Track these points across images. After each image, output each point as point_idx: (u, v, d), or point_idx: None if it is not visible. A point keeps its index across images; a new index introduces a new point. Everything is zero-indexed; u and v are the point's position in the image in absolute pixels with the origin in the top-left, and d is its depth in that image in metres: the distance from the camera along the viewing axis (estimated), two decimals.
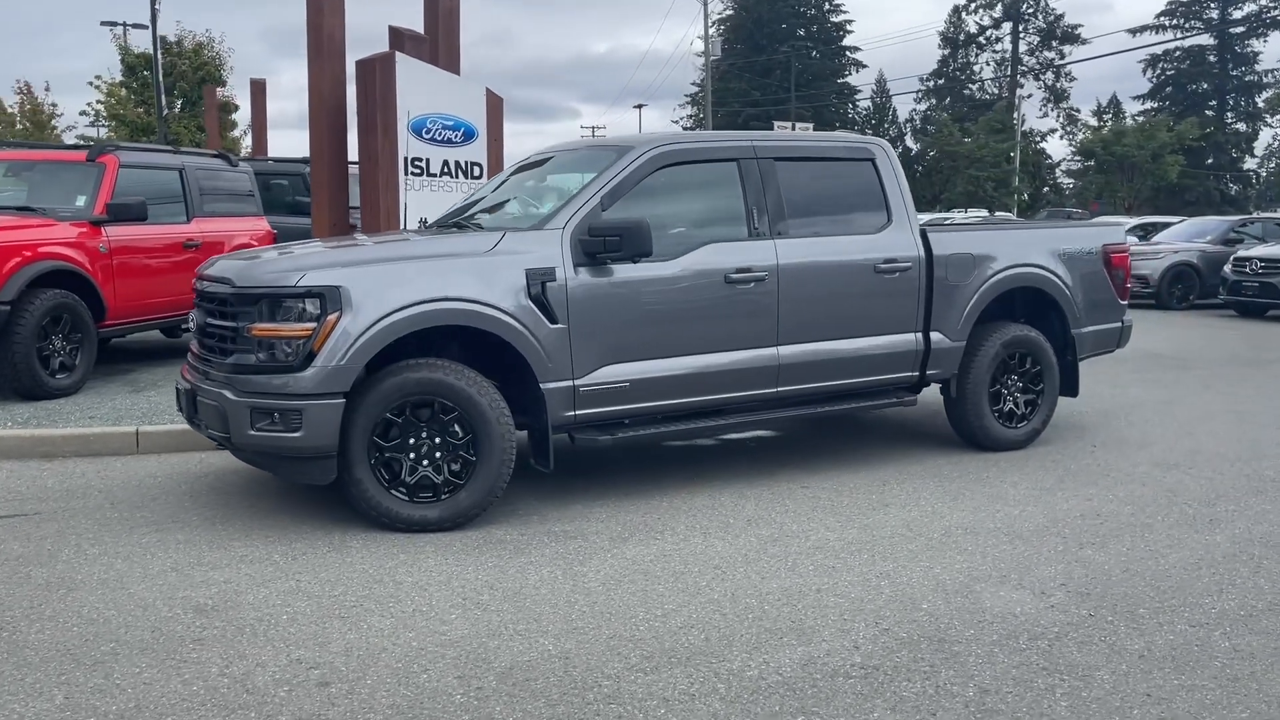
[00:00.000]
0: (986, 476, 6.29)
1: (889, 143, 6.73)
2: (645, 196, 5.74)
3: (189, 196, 9.82)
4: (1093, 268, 7.29)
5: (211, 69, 32.12)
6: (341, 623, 4.02)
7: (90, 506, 5.60)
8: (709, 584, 4.45)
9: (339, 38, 9.05)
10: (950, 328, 6.64)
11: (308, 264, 5.11)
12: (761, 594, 4.33)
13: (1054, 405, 7.15)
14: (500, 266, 5.28)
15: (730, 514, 5.49)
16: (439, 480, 5.17)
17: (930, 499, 5.79)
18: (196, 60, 32.06)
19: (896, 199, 6.51)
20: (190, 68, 31.57)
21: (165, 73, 29.89)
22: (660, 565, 4.69)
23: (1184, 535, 5.13)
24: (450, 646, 3.80)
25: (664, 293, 5.67)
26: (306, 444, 4.97)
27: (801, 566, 4.67)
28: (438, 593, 4.34)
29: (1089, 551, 4.88)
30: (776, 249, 5.98)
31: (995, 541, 5.03)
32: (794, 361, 6.06)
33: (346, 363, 4.93)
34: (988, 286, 6.76)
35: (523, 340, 5.26)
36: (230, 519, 5.38)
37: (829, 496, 5.83)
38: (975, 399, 6.79)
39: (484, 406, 5.13)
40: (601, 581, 4.48)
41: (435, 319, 5.09)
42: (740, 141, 6.10)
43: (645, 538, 5.10)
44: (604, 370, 5.51)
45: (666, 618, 4.08)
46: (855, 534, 5.15)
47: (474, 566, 4.67)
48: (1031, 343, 6.97)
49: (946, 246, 6.62)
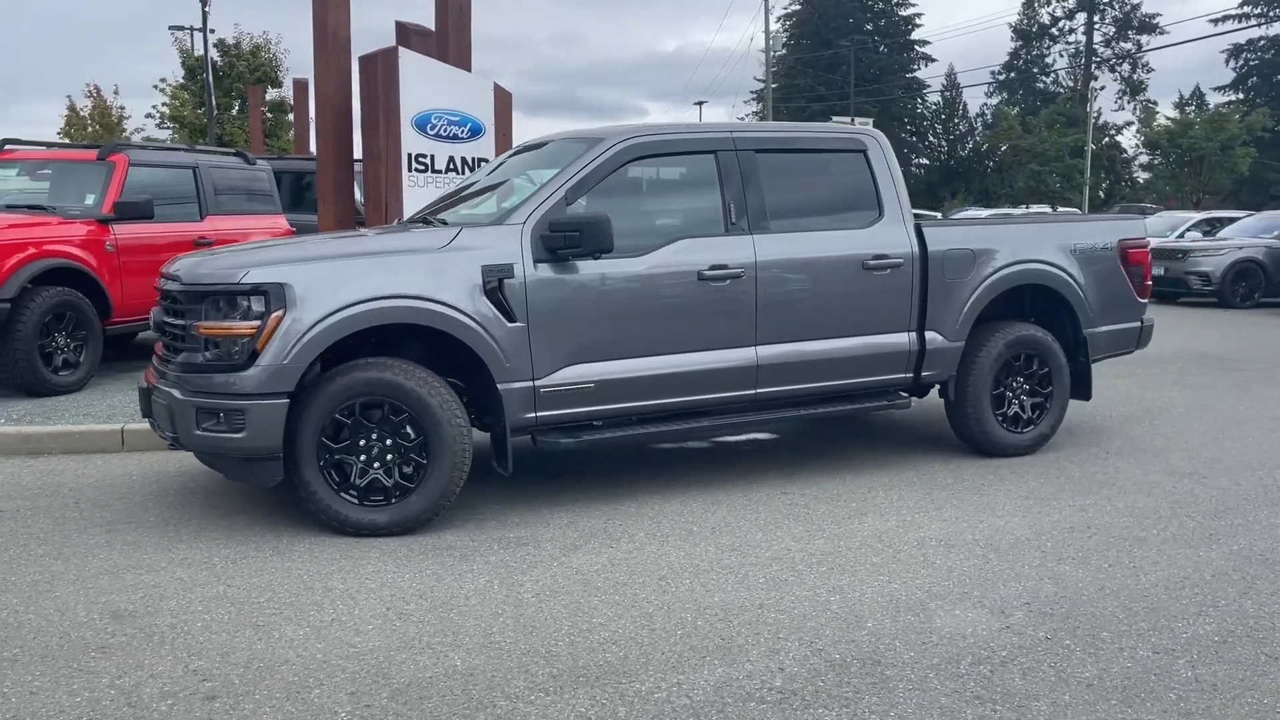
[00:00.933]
0: (982, 484, 5.96)
1: (882, 135, 6.41)
2: (615, 191, 5.53)
3: (202, 194, 9.85)
4: (1108, 265, 6.89)
5: (268, 70, 32.64)
6: (254, 631, 3.88)
7: (54, 505, 5.57)
8: (648, 596, 4.23)
9: (344, 34, 8.98)
10: (947, 327, 6.31)
11: (253, 260, 5.00)
12: (699, 608, 4.10)
13: (1064, 409, 6.77)
14: (454, 263, 5.11)
15: (697, 521, 5.26)
16: (389, 483, 5.02)
17: (914, 507, 5.49)
18: (254, 62, 32.58)
19: (889, 192, 6.20)
20: (248, 69, 32.12)
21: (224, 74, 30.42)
22: (604, 575, 4.48)
23: (1176, 551, 4.78)
24: (355, 660, 3.64)
25: (632, 290, 5.45)
26: (250, 445, 4.85)
27: (752, 579, 4.43)
28: (364, 601, 4.19)
29: (1067, 567, 4.55)
30: (755, 245, 5.72)
31: (968, 555, 4.73)
32: (774, 362, 5.80)
33: (290, 362, 4.80)
34: (989, 284, 6.41)
35: (477, 339, 5.09)
36: (187, 519, 5.30)
37: (806, 504, 5.57)
38: (976, 402, 6.45)
39: (434, 407, 4.97)
40: (537, 592, 4.28)
41: (381, 317, 4.94)
42: (718, 133, 5.85)
43: (599, 545, 4.89)
44: (567, 371, 5.31)
45: (590, 632, 3.87)
46: (821, 544, 4.88)
47: (411, 574, 4.51)
48: (1038, 343, 6.61)
49: (943, 242, 6.30)
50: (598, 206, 5.48)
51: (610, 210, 5.46)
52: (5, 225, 8.06)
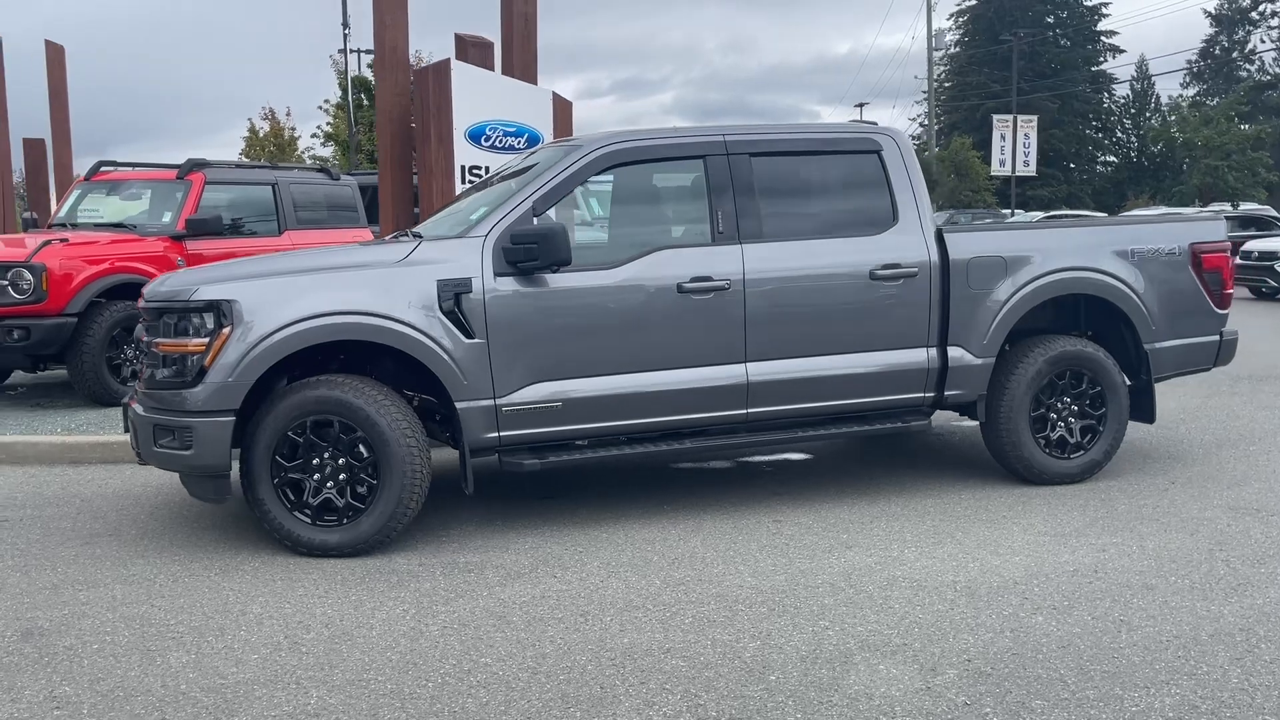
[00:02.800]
0: (1003, 516, 5.39)
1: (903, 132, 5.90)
2: (590, 199, 5.28)
3: (281, 210, 10.11)
4: (1175, 271, 6.14)
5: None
6: (140, 657, 3.82)
7: (56, 515, 5.72)
8: (556, 635, 3.96)
9: (402, 49, 9.06)
10: (974, 342, 5.75)
11: (207, 277, 4.99)
12: (601, 650, 3.80)
13: (1121, 433, 6.06)
14: (409, 277, 4.97)
15: (664, 550, 4.93)
16: (341, 504, 4.92)
17: (909, 541, 5.00)
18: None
19: (905, 196, 5.70)
20: None
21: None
22: (527, 609, 4.22)
23: (1184, 602, 4.15)
24: (213, 693, 3.51)
25: (603, 304, 5.18)
26: (197, 462, 4.84)
27: (678, 619, 4.09)
28: (269, 627, 4.08)
29: (1041, 618, 4.01)
30: (743, 254, 5.34)
31: (935, 599, 4.23)
32: (767, 380, 5.40)
33: (235, 379, 4.76)
34: (1024, 295, 5.81)
35: (430, 355, 4.93)
36: (165, 533, 5.34)
37: (793, 533, 5.15)
38: (1011, 425, 5.85)
39: (382, 426, 4.83)
40: (446, 625, 4.07)
41: (326, 334, 4.84)
42: (708, 136, 5.50)
43: (545, 574, 4.64)
44: (532, 389, 5.08)
45: (469, 674, 3.63)
46: (780, 581, 4.48)
47: (335, 599, 4.37)
48: (1087, 359, 5.94)
49: (968, 249, 5.74)
50: (569, 217, 5.25)
51: (561, 221, 5.22)
52: (81, 242, 8.46)
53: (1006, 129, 39.95)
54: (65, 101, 14.45)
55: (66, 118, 14.49)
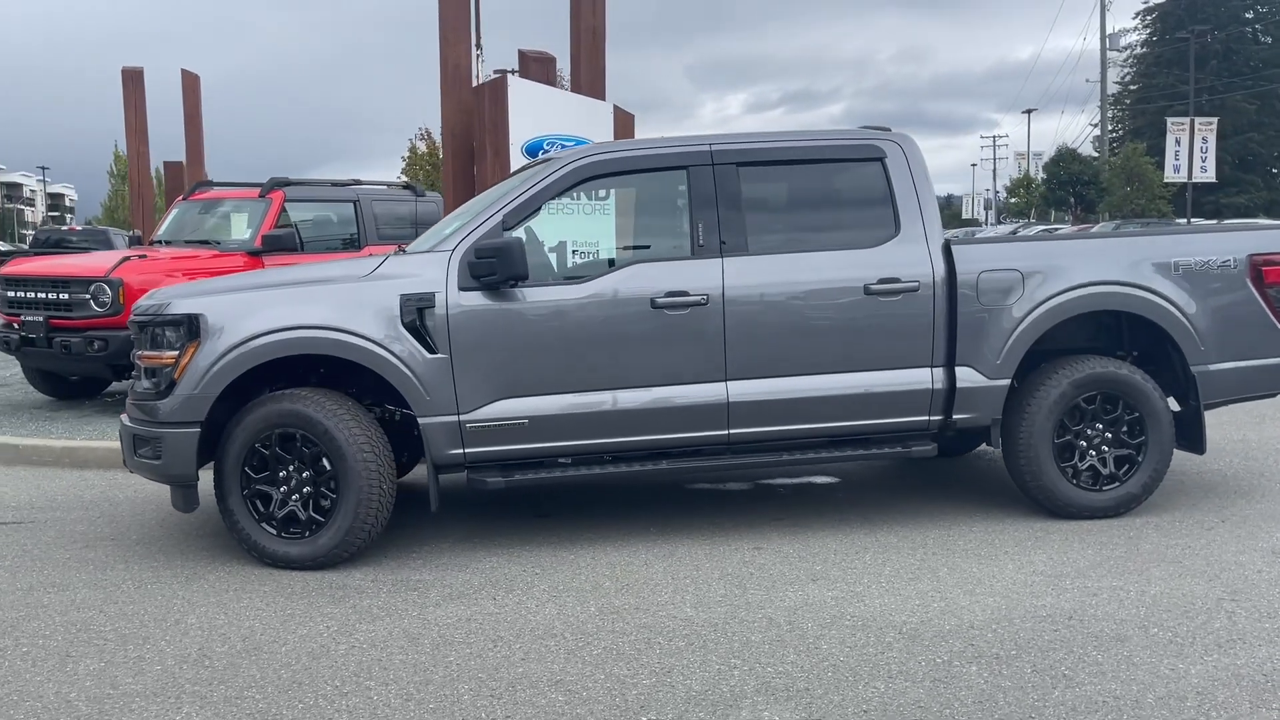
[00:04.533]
0: (1006, 552, 4.96)
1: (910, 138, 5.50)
2: (565, 212, 5.16)
3: (362, 226, 10.39)
4: (1230, 286, 5.53)
5: None
6: (58, 663, 3.91)
7: (71, 518, 5.97)
8: (455, 660, 3.84)
9: (465, 66, 9.16)
10: (985, 362, 5.33)
11: (183, 291, 5.12)
12: (488, 679, 3.66)
13: (1163, 464, 5.48)
14: (372, 291, 4.97)
15: (622, 574, 4.75)
16: (304, 517, 4.95)
17: (885, 576, 4.65)
18: None
19: (909, 206, 5.33)
20: None
21: None
22: (444, 631, 4.12)
23: (1152, 659, 3.68)
24: (94, 704, 3.55)
25: (572, 320, 5.04)
26: (165, 472, 4.97)
27: (587, 650, 3.90)
28: (192, 638, 4.12)
29: (974, 668, 3.64)
30: (724, 268, 5.11)
31: (871, 641, 3.90)
32: (750, 401, 5.14)
33: (199, 391, 4.85)
34: (1044, 311, 5.34)
35: (390, 369, 4.90)
36: (160, 540, 5.50)
37: (765, 562, 4.88)
38: (1031, 452, 5.38)
39: (340, 441, 4.83)
40: (355, 645, 4.01)
41: (286, 348, 4.87)
42: (693, 146, 5.29)
43: (487, 595, 4.53)
44: (497, 405, 5.00)
45: (344, 697, 3.56)
46: (719, 614, 4.23)
47: (268, 612, 4.38)
48: (1121, 382, 5.41)
49: (978, 262, 5.33)
50: (544, 230, 5.15)
51: (558, 234, 5.12)
52: (159, 258, 8.90)
53: (1182, 133, 37.52)
54: (199, 126, 15.34)
55: (200, 141, 15.38)
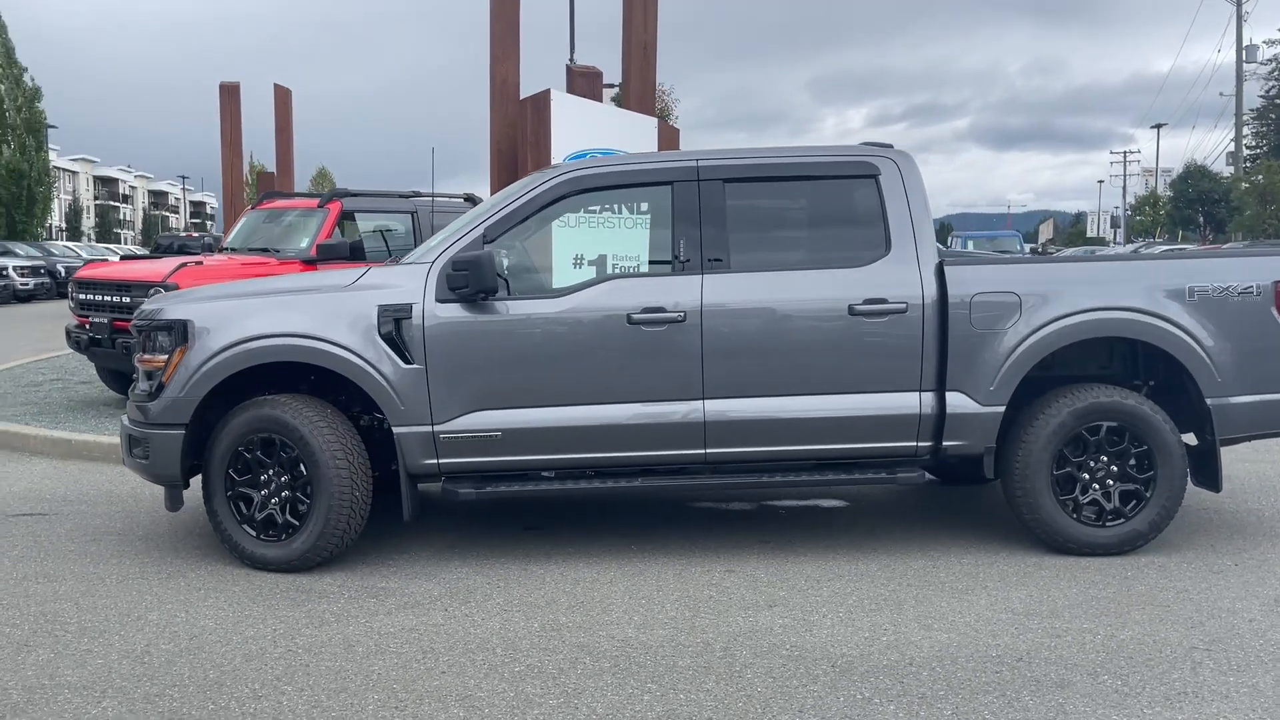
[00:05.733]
0: (986, 586, 4.75)
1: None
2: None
3: (419, 236, 10.59)
4: (1253, 313, 5.20)
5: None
6: (14, 652, 4.08)
7: (94, 511, 6.23)
8: (378, 670, 3.87)
9: (512, 82, 9.28)
10: (978, 388, 5.12)
11: (178, 298, 5.31)
12: (399, 690, 3.68)
13: (1174, 501, 5.17)
14: (351, 302, 5.05)
15: (582, 591, 4.71)
16: (281, 520, 5.06)
17: (846, 606, 4.50)
18: None
19: (901, 225, 5.17)
20: None
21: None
22: (382, 641, 4.16)
23: (1083, 709, 3.47)
24: (28, 693, 3.71)
25: (547, 333, 5.04)
26: (153, 472, 5.14)
27: (507, 668, 3.88)
28: (144, 634, 4.25)
29: (891, 707, 3.49)
30: (703, 285, 5.04)
31: (799, 674, 3.78)
32: (726, 420, 5.05)
33: (184, 395, 5.01)
34: (1042, 337, 5.10)
35: (366, 378, 4.98)
36: (163, 536, 5.68)
37: (731, 585, 4.77)
38: (1027, 484, 5.15)
39: (314, 447, 4.93)
40: (290, 650, 4.08)
41: (265, 355, 5.00)
42: (680, 162, 5.25)
43: (440, 606, 4.56)
44: (471, 417, 5.02)
45: (255, 700, 3.63)
46: (659, 636, 4.17)
47: (226, 613, 4.50)
48: (1126, 413, 5.14)
49: (972, 284, 5.12)
50: (528, 244, 5.18)
51: (539, 248, 5.14)
52: (215, 265, 9.25)
53: None
54: (290, 138, 15.92)
55: (290, 152, 15.94)
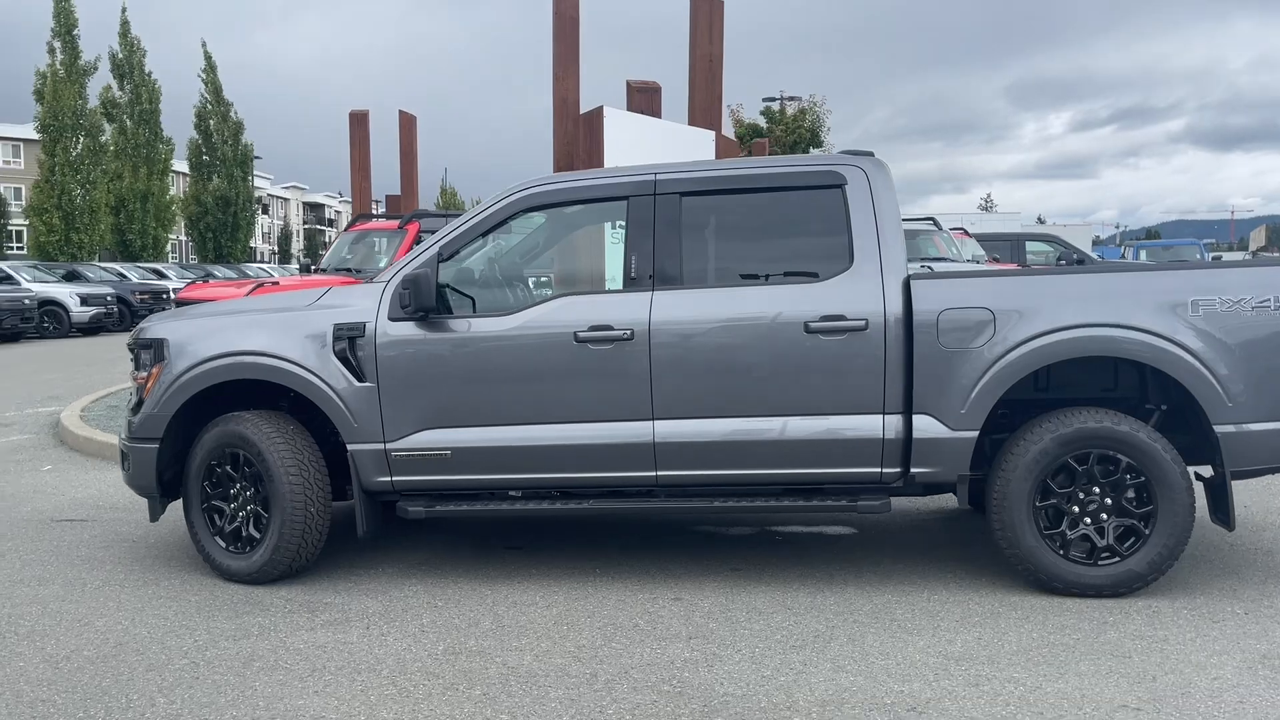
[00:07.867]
0: (938, 626, 4.38)
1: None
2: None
3: None
4: (1268, 330, 4.62)
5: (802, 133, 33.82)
6: None
7: (127, 520, 6.55)
8: (259, 686, 3.90)
9: (573, 101, 9.28)
10: (948, 411, 4.74)
11: (161, 317, 5.53)
12: (264, 708, 3.70)
13: (1178, 538, 4.63)
14: (310, 320, 5.14)
15: (514, 615, 4.62)
16: (245, 534, 5.19)
17: (775, 644, 4.24)
18: (793, 125, 34.04)
19: (866, 237, 4.85)
20: (785, 133, 33.60)
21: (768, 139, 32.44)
22: (282, 658, 4.19)
23: None
24: None
25: (495, 352, 4.98)
26: (134, 484, 5.37)
27: (382, 691, 3.84)
28: (76, 640, 4.43)
29: None
30: (652, 302, 4.88)
31: (649, 714, 3.58)
32: (676, 441, 4.86)
33: (158, 410, 5.22)
34: (1019, 356, 4.68)
35: (320, 395, 5.06)
36: (169, 546, 5.92)
37: (668, 614, 4.58)
38: (1006, 516, 4.73)
39: (270, 462, 5.03)
40: (196, 663, 4.16)
41: (229, 372, 5.14)
42: (637, 177, 5.09)
43: (363, 625, 4.56)
44: (422, 435, 5.03)
45: (120, 712, 3.70)
46: (555, 664, 4.04)
47: (164, 623, 4.63)
48: (1118, 440, 4.65)
49: (940, 300, 4.76)
50: (480, 262, 5.16)
51: (490, 265, 5.12)
52: (291, 285, 9.65)
53: None
54: (414, 163, 16.50)
55: (415, 176, 16.53)
